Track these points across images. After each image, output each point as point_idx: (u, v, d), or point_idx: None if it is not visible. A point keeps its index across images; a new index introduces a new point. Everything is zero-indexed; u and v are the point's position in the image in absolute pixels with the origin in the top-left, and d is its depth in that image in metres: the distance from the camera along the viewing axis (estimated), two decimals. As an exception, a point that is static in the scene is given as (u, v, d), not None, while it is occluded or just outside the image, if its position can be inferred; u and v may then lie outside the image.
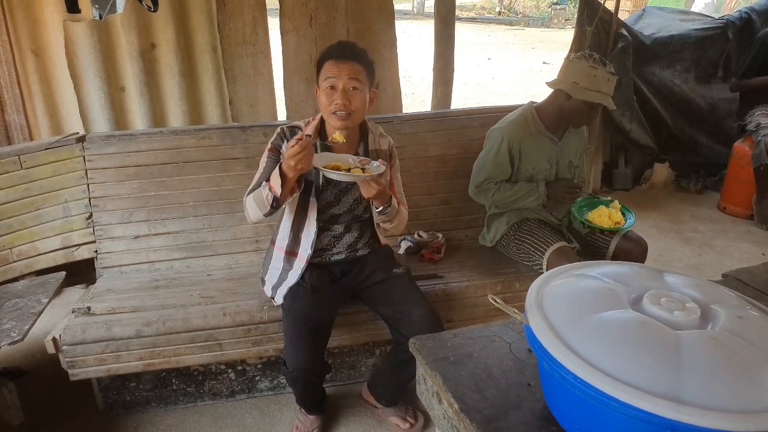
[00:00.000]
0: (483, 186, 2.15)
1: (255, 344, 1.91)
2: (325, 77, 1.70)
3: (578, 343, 0.77)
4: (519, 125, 2.12)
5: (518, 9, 17.25)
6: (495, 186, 2.13)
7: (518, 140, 2.10)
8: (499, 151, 2.10)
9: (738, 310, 0.83)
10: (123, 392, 2.01)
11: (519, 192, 2.12)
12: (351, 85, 1.68)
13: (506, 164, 2.12)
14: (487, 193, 2.15)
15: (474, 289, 2.06)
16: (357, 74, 1.69)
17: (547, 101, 2.15)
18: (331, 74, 1.68)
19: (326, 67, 1.70)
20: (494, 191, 2.13)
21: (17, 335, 1.65)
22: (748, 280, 1.37)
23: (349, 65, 1.68)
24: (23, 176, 2.16)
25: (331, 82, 1.68)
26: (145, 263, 2.26)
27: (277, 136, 1.79)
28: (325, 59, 1.72)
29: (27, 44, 2.59)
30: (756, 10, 4.26)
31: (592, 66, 1.97)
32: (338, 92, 1.67)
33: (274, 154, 1.77)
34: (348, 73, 1.67)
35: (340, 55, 1.69)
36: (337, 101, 1.67)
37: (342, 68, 1.67)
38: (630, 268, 0.96)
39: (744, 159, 3.69)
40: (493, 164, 2.12)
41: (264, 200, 1.65)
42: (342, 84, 1.67)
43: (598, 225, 2.07)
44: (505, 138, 2.10)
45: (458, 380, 0.95)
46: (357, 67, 1.69)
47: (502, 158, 2.11)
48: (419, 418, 1.98)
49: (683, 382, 0.69)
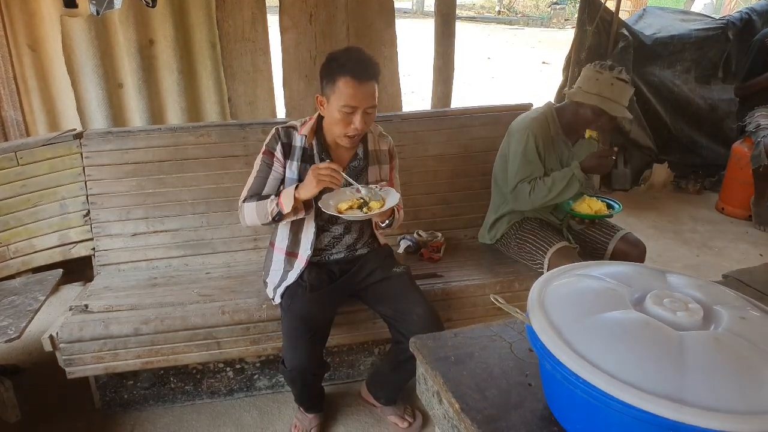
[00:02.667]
0: (519, 188, 2.06)
1: (253, 343, 1.91)
2: (343, 101, 1.58)
3: (580, 344, 0.76)
4: (540, 123, 2.09)
5: (518, 8, 17.25)
6: (529, 185, 2.05)
7: (542, 138, 2.07)
8: (526, 149, 2.05)
9: (740, 311, 0.83)
10: (120, 390, 2.00)
11: (557, 185, 2.01)
12: (370, 109, 1.62)
13: (536, 161, 2.05)
14: (524, 194, 2.05)
15: (473, 289, 2.06)
16: (375, 98, 1.62)
17: (563, 106, 2.14)
18: (352, 100, 1.57)
19: (343, 86, 1.57)
20: (530, 189, 2.05)
21: (14, 333, 1.64)
22: (748, 281, 1.37)
23: (370, 87, 1.60)
24: (20, 173, 2.15)
25: (351, 108, 1.59)
26: (143, 261, 2.25)
27: (272, 137, 1.75)
28: (340, 74, 1.57)
29: (23, 39, 2.57)
30: (756, 11, 4.26)
31: (597, 71, 1.95)
32: (357, 116, 1.60)
33: (268, 157, 1.75)
34: (369, 97, 1.60)
35: (360, 76, 1.57)
36: (356, 126, 1.61)
37: (364, 92, 1.58)
38: (632, 269, 0.95)
39: (743, 160, 3.69)
40: (524, 163, 2.05)
41: (267, 213, 1.67)
42: (362, 110, 1.60)
43: (579, 213, 2.05)
44: (530, 135, 2.05)
45: (459, 380, 0.95)
46: (375, 88, 1.62)
47: (531, 155, 2.05)
48: (418, 417, 1.98)
49: (686, 383, 0.68)
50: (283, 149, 1.73)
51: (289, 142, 1.74)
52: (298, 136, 1.75)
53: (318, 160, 1.74)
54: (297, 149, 1.75)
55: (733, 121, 4.13)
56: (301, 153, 1.74)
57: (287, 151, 1.74)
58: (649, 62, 4.09)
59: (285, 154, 1.74)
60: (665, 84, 4.17)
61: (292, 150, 1.74)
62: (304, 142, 1.74)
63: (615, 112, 1.95)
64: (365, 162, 1.82)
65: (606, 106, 1.94)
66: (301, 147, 1.74)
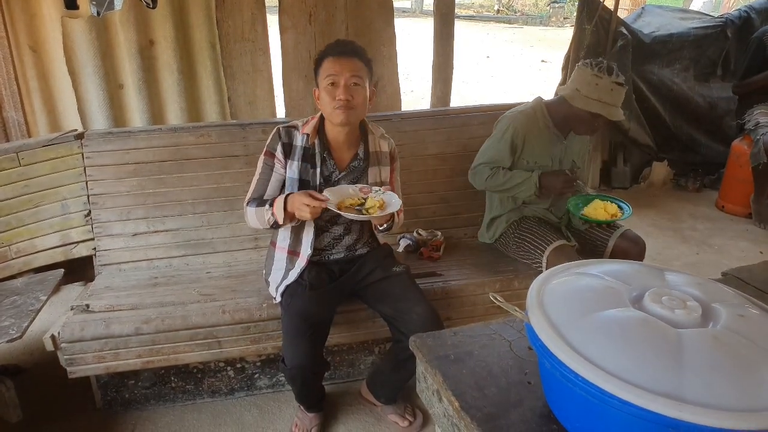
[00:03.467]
0: (478, 169, 2.15)
1: (254, 342, 1.91)
2: (325, 75, 1.68)
3: (579, 342, 0.76)
4: (528, 116, 2.11)
5: (517, 7, 17.22)
6: (491, 171, 2.12)
7: (524, 131, 2.09)
8: (502, 138, 2.10)
9: (739, 309, 0.83)
10: (122, 390, 2.01)
11: (513, 180, 2.09)
12: (353, 81, 1.67)
13: (507, 152, 2.10)
14: (482, 176, 2.13)
15: (473, 287, 2.06)
16: (358, 70, 1.68)
17: (555, 101, 2.14)
18: (333, 71, 1.66)
19: (326, 65, 1.68)
20: (488, 176, 2.12)
21: (15, 332, 1.65)
22: (747, 279, 1.37)
23: (351, 61, 1.67)
24: (21, 173, 2.15)
25: (332, 79, 1.67)
26: (144, 261, 2.25)
27: (273, 138, 1.78)
28: (323, 57, 1.70)
29: (25, 40, 2.57)
30: (755, 9, 4.26)
31: (596, 74, 1.93)
32: (340, 87, 1.66)
33: (269, 159, 1.77)
34: (349, 69, 1.66)
35: (340, 52, 1.68)
36: (340, 96, 1.65)
37: (343, 64, 1.66)
38: (631, 267, 0.96)
39: (742, 158, 3.70)
40: (494, 150, 2.12)
41: (265, 220, 1.72)
42: (344, 80, 1.66)
43: (595, 218, 2.07)
44: (511, 126, 2.08)
45: (458, 378, 0.95)
46: (358, 64, 1.69)
47: (504, 146, 2.09)
48: (418, 416, 1.99)
49: (685, 381, 0.69)
50: (283, 149, 1.75)
51: (290, 142, 1.75)
52: (299, 136, 1.76)
53: (319, 159, 1.75)
54: (298, 149, 1.75)
55: (733, 119, 4.13)
56: (302, 152, 1.75)
57: (288, 150, 1.75)
58: (648, 60, 4.09)
59: (286, 153, 1.75)
60: (664, 82, 4.17)
61: (293, 149, 1.75)
62: (305, 141, 1.75)
63: (614, 117, 1.97)
64: (366, 162, 1.82)
65: (606, 112, 1.95)
66: (302, 146, 1.75)
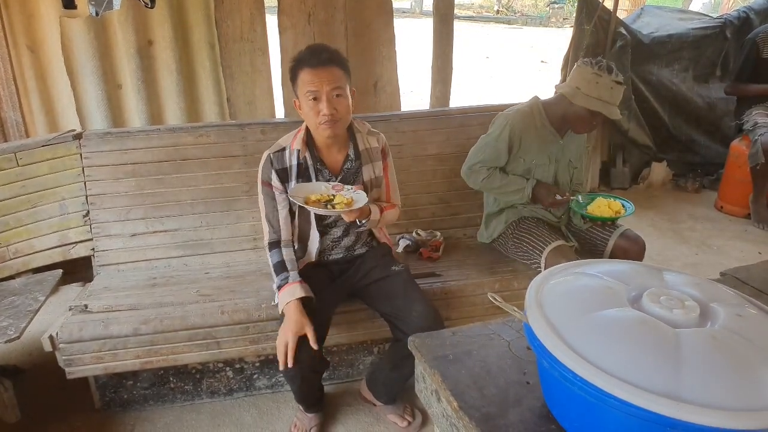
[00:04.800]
0: (475, 168, 2.14)
1: (253, 342, 1.91)
2: (305, 89, 1.61)
3: (578, 342, 0.76)
4: (525, 115, 2.11)
5: (516, 8, 17.25)
6: (487, 171, 2.11)
7: (521, 130, 2.09)
8: (499, 137, 2.09)
9: (737, 309, 0.83)
10: (120, 390, 2.01)
11: (508, 186, 2.11)
12: (335, 93, 1.62)
13: (503, 151, 2.10)
14: (478, 176, 2.13)
15: (472, 288, 2.06)
16: (338, 80, 1.62)
17: (553, 100, 2.13)
18: (312, 86, 1.60)
19: (304, 77, 1.61)
20: (485, 176, 2.11)
21: (14, 333, 1.65)
22: (746, 279, 1.37)
23: (328, 71, 1.60)
24: (19, 173, 2.15)
25: (313, 94, 1.61)
26: (143, 261, 2.25)
27: (265, 166, 1.74)
28: (298, 68, 1.63)
29: (23, 40, 2.57)
30: (754, 10, 4.26)
31: (596, 73, 1.93)
32: (323, 102, 1.61)
33: (267, 189, 1.75)
34: (329, 80, 1.60)
35: (315, 63, 1.60)
36: (324, 112, 1.61)
37: (322, 76, 1.59)
38: (629, 267, 0.96)
39: (741, 158, 3.70)
40: (491, 148, 2.11)
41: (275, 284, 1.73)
42: (325, 93, 1.60)
43: (599, 216, 2.07)
44: (508, 125, 2.08)
45: (457, 378, 0.95)
46: (337, 73, 1.62)
47: (501, 144, 2.09)
48: (417, 416, 1.98)
49: (683, 380, 0.69)
50: (278, 176, 1.73)
51: (283, 167, 1.74)
52: (289, 154, 1.74)
53: (313, 172, 1.75)
54: (293, 168, 1.74)
55: (731, 120, 4.13)
56: (297, 170, 1.74)
57: (283, 176, 1.74)
58: (647, 61, 4.09)
59: (282, 179, 1.74)
60: (663, 83, 4.18)
61: (288, 172, 1.74)
62: (297, 157, 1.74)
63: (613, 115, 1.98)
64: (358, 162, 1.81)
65: (605, 110, 1.95)
66: (296, 165, 1.74)
